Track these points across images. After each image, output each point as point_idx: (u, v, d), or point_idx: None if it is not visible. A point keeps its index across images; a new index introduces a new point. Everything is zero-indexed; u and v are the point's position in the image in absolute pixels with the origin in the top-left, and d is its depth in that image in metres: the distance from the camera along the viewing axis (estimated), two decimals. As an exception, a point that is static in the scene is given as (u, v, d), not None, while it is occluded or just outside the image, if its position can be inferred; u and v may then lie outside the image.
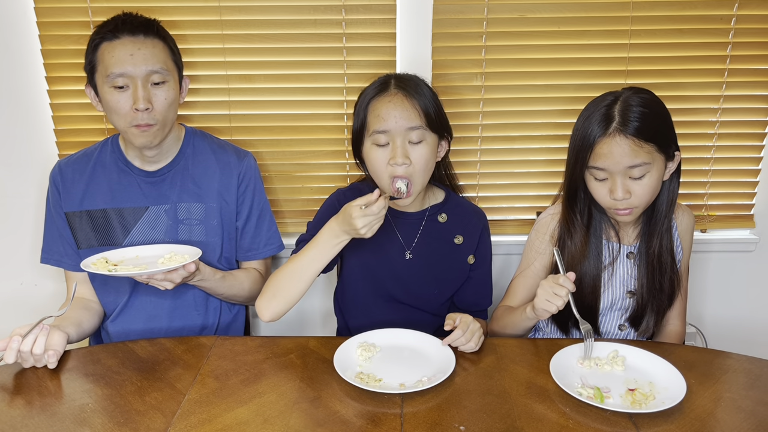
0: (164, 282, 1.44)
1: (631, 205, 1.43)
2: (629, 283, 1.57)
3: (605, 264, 1.56)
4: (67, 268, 1.67)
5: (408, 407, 1.21)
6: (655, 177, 1.42)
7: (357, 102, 1.52)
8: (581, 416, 1.18)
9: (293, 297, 1.45)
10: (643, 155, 1.38)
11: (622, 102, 1.41)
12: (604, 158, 1.40)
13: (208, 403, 1.22)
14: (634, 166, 1.39)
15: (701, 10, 1.90)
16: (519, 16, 1.90)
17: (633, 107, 1.39)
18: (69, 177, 1.64)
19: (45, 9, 1.85)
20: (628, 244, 1.57)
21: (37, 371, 1.34)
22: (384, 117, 1.43)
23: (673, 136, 1.45)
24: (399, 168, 1.44)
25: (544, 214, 1.65)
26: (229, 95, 1.96)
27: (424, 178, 1.48)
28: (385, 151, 1.45)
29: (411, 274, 1.60)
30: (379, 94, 1.46)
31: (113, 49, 1.47)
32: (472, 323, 1.42)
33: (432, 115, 1.45)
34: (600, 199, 1.47)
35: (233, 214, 1.69)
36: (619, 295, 1.58)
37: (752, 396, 1.25)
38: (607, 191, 1.43)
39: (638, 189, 1.41)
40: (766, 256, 2.15)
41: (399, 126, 1.42)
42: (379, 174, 1.48)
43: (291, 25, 1.90)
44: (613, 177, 1.42)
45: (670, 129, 1.45)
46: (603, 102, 1.44)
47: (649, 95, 1.44)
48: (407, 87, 1.45)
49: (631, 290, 1.57)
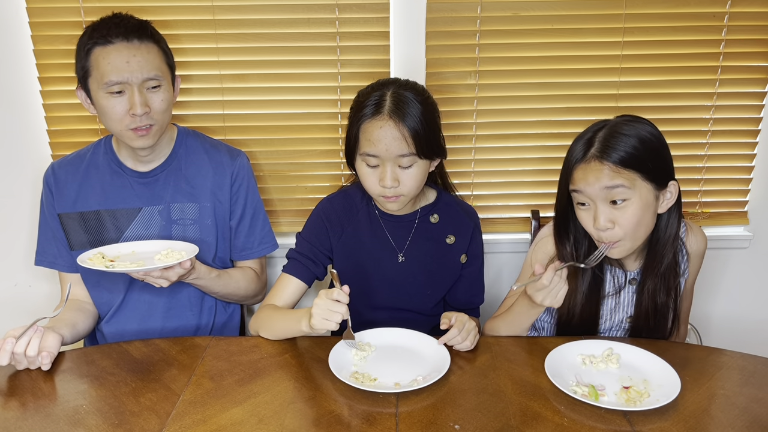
0: (160, 279, 1.43)
1: (615, 236, 1.37)
2: (630, 309, 1.54)
3: (609, 293, 1.53)
4: (61, 269, 1.67)
5: (403, 406, 1.21)
6: (639, 206, 1.35)
7: (352, 111, 1.49)
8: (576, 414, 1.18)
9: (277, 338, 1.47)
10: (621, 179, 1.33)
11: (608, 129, 1.37)
12: (579, 181, 1.37)
13: (203, 404, 1.22)
14: (613, 187, 1.33)
15: (694, 7, 1.90)
16: (513, 15, 1.90)
17: (618, 135, 1.34)
18: (62, 178, 1.63)
19: (37, 9, 1.84)
20: (632, 270, 1.53)
21: (31, 373, 1.33)
22: (375, 142, 1.42)
23: (666, 167, 1.39)
24: (389, 190, 1.45)
25: (545, 230, 1.59)
26: (223, 95, 1.95)
27: (414, 193, 1.50)
28: (376, 172, 1.46)
29: (404, 277, 1.60)
30: (373, 117, 1.42)
31: (108, 55, 1.45)
32: (468, 322, 1.42)
33: (423, 143, 1.42)
34: (586, 227, 1.42)
35: (227, 213, 1.68)
36: (619, 318, 1.55)
37: (746, 393, 1.25)
38: (592, 219, 1.39)
39: (621, 218, 1.35)
40: (760, 253, 2.16)
41: (389, 153, 1.42)
42: (369, 189, 1.50)
43: (284, 24, 1.89)
44: (594, 203, 1.37)
45: (662, 160, 1.38)
46: (593, 128, 1.40)
47: (643, 124, 1.38)
48: (401, 111, 1.41)
49: (630, 315, 1.54)
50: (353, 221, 1.60)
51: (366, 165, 1.46)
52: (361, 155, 1.47)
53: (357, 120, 1.45)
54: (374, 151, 1.43)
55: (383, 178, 1.44)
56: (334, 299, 1.30)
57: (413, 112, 1.42)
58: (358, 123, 1.45)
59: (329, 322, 1.30)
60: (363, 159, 1.46)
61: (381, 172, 1.45)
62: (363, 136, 1.44)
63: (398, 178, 1.44)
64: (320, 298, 1.31)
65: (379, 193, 1.47)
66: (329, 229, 1.59)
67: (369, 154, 1.44)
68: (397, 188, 1.45)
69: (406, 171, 1.45)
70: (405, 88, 1.45)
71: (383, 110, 1.42)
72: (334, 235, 1.59)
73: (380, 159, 1.44)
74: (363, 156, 1.46)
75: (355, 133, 1.46)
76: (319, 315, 1.31)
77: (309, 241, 1.59)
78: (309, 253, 1.58)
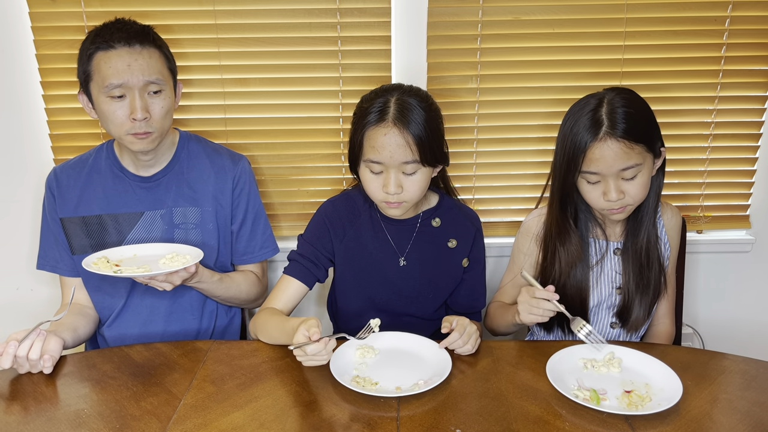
0: (164, 283, 1.44)
1: (624, 203, 1.45)
2: (616, 279, 1.59)
3: (593, 263, 1.58)
4: (63, 273, 1.67)
5: (404, 411, 1.20)
6: (646, 175, 1.44)
7: (356, 116, 1.49)
8: (577, 418, 1.18)
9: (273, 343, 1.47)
10: (635, 157, 1.40)
11: (608, 104, 1.41)
12: (597, 163, 1.41)
13: (204, 408, 1.22)
14: (627, 168, 1.40)
15: (695, 11, 1.91)
16: (514, 19, 1.90)
17: (618, 109, 1.40)
18: (64, 183, 1.63)
19: (40, 14, 1.85)
20: (615, 240, 1.59)
21: (32, 377, 1.33)
22: (379, 150, 1.42)
23: (658, 133, 1.47)
24: (392, 196, 1.45)
25: (530, 217, 1.67)
26: (225, 99, 1.96)
27: (417, 199, 1.51)
28: (379, 178, 1.46)
29: (405, 281, 1.60)
30: (377, 124, 1.42)
31: (109, 59, 1.46)
32: (469, 326, 1.42)
33: (427, 150, 1.43)
34: (593, 201, 1.48)
35: (228, 217, 1.68)
36: (607, 292, 1.59)
37: (748, 397, 1.25)
38: (600, 194, 1.45)
39: (631, 189, 1.43)
40: (762, 257, 2.15)
41: (393, 160, 1.42)
42: (372, 195, 1.50)
43: (286, 28, 1.90)
44: (606, 180, 1.43)
45: (655, 127, 1.46)
46: (588, 106, 1.44)
47: (630, 94, 1.45)
48: (405, 118, 1.41)
49: (618, 286, 1.59)
50: (355, 224, 1.60)
51: (369, 171, 1.47)
52: (364, 162, 1.47)
53: (361, 127, 1.45)
54: (378, 158, 1.43)
55: (387, 185, 1.45)
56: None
57: (417, 119, 1.41)
58: (362, 130, 1.45)
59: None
60: (367, 165, 1.46)
61: (384, 178, 1.45)
62: (367, 143, 1.44)
63: (402, 185, 1.45)
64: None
65: (383, 199, 1.48)
66: (331, 231, 1.59)
67: (373, 161, 1.44)
68: (401, 195, 1.45)
69: (410, 178, 1.45)
70: (409, 94, 1.45)
71: (387, 117, 1.41)
72: (335, 237, 1.59)
73: (384, 166, 1.44)
74: (367, 162, 1.46)
75: (359, 139, 1.46)
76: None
77: (311, 243, 1.59)
78: (310, 255, 1.58)
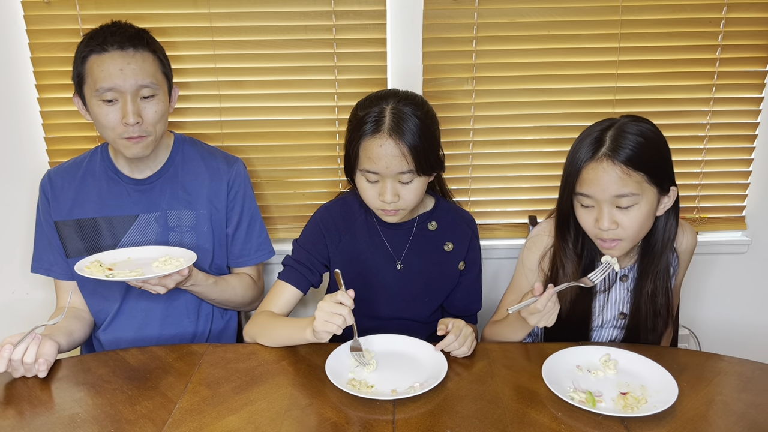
0: (157, 287, 1.43)
1: (617, 236, 1.38)
2: (622, 305, 1.55)
3: (599, 290, 1.53)
4: (57, 277, 1.66)
5: (400, 413, 1.20)
6: (645, 210, 1.36)
7: (351, 125, 1.48)
8: (573, 421, 1.18)
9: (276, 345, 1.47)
10: (632, 185, 1.33)
11: (617, 128, 1.36)
12: (590, 184, 1.35)
13: (199, 412, 1.21)
14: (622, 196, 1.33)
15: (690, 13, 1.91)
16: (509, 21, 1.90)
17: (627, 134, 1.34)
18: (58, 186, 1.63)
19: (35, 17, 1.85)
20: (622, 267, 1.53)
21: (27, 381, 1.33)
22: (375, 160, 1.42)
23: (669, 170, 1.40)
24: (388, 205, 1.45)
25: (537, 229, 1.61)
26: (220, 102, 1.95)
27: (413, 206, 1.51)
28: (376, 186, 1.46)
29: (402, 285, 1.60)
30: (373, 135, 1.41)
31: (102, 62, 1.46)
32: (465, 328, 1.42)
33: (422, 160, 1.42)
34: (586, 227, 1.42)
35: (223, 220, 1.68)
36: (611, 315, 1.56)
37: (744, 398, 1.25)
38: (593, 220, 1.38)
39: (625, 220, 1.36)
40: (757, 258, 2.16)
41: (389, 171, 1.42)
42: (368, 203, 1.50)
43: (281, 31, 1.90)
44: (599, 205, 1.37)
45: (666, 162, 1.39)
46: (598, 126, 1.39)
47: (648, 125, 1.38)
48: (400, 129, 1.40)
49: (623, 312, 1.55)
50: (351, 229, 1.60)
51: (366, 180, 1.47)
52: (360, 171, 1.47)
53: (357, 137, 1.44)
54: (374, 168, 1.43)
55: (383, 194, 1.45)
56: (337, 302, 1.30)
57: (413, 128, 1.41)
58: (357, 140, 1.44)
59: (331, 324, 1.29)
60: (363, 174, 1.47)
61: (381, 187, 1.45)
62: (363, 153, 1.44)
63: (398, 193, 1.45)
64: (324, 302, 1.31)
65: (379, 206, 1.48)
66: (326, 237, 1.59)
67: (369, 171, 1.44)
68: (397, 203, 1.46)
69: (406, 186, 1.45)
70: (405, 102, 1.44)
71: (383, 128, 1.41)
72: (331, 243, 1.59)
73: (380, 176, 1.44)
74: (363, 172, 1.46)
75: (355, 149, 1.45)
76: (321, 318, 1.30)
77: (305, 248, 1.59)
78: (305, 260, 1.58)
